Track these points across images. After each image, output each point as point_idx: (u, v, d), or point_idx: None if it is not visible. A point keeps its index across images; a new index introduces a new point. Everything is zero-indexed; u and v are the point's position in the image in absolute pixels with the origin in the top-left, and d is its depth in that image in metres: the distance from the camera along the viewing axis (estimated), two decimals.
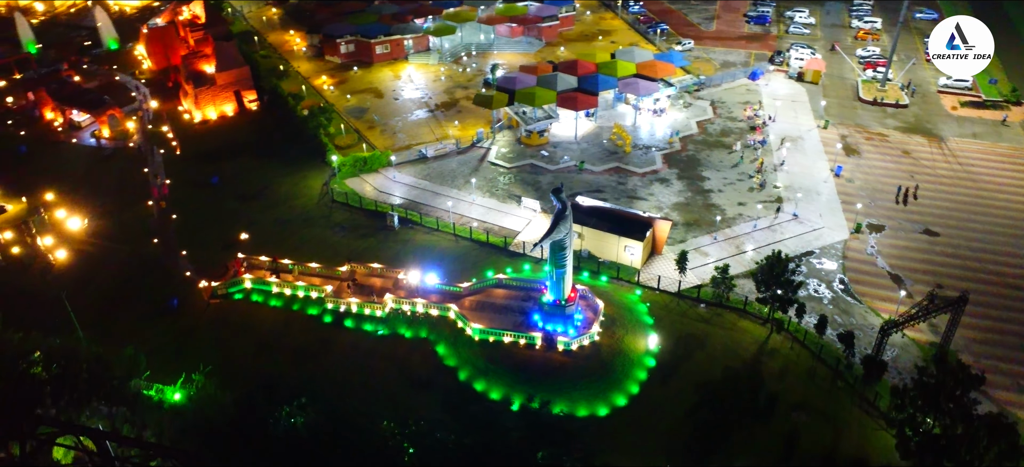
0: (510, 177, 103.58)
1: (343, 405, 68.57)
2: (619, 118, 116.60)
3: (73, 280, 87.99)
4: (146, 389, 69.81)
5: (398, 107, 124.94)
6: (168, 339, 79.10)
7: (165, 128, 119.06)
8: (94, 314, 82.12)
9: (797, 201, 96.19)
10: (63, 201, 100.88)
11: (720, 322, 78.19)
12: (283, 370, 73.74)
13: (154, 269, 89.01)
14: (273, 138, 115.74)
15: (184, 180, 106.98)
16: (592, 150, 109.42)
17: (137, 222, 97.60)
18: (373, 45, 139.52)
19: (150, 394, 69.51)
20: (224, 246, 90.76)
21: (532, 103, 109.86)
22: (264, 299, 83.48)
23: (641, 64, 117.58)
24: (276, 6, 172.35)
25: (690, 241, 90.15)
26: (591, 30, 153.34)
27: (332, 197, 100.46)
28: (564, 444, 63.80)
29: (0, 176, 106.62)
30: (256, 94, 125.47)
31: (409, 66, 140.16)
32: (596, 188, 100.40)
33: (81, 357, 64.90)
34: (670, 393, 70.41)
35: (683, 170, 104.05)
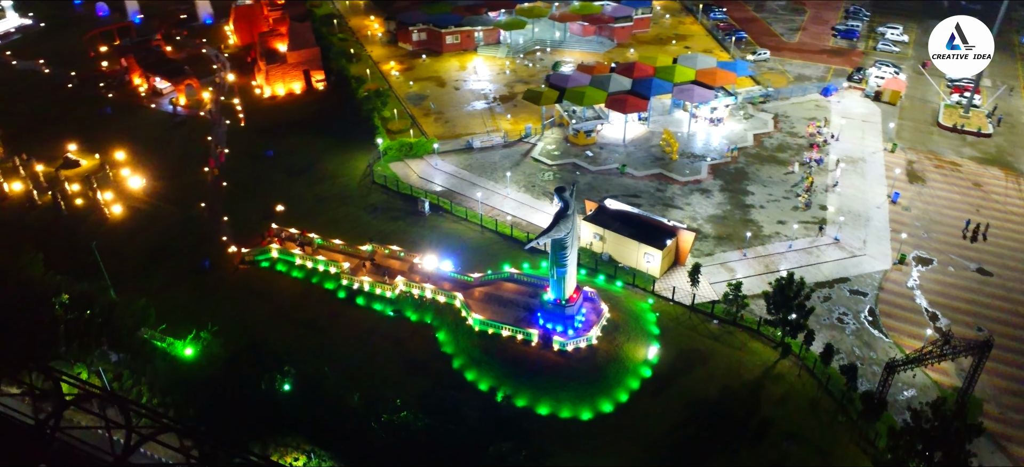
0: (550, 174, 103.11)
1: (336, 378, 70.52)
2: (675, 125, 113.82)
3: (123, 234, 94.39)
4: (159, 341, 74.16)
5: (457, 97, 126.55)
6: (195, 297, 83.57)
7: (236, 101, 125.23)
8: (134, 266, 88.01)
9: (841, 224, 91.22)
10: (130, 161, 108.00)
11: (730, 340, 75.35)
12: (289, 338, 76.58)
13: (196, 231, 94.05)
14: (331, 118, 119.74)
15: (242, 151, 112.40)
16: (638, 154, 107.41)
17: (191, 186, 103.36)
18: (443, 35, 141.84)
19: (163, 345, 73.79)
20: (263, 216, 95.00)
21: (579, 102, 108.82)
22: (287, 269, 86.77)
23: (702, 71, 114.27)
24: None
25: (718, 255, 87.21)
26: (667, 33, 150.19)
27: (372, 179, 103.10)
28: (522, 440, 63.14)
29: (84, 133, 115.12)
30: (324, 74, 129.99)
31: (477, 58, 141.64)
32: (632, 193, 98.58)
33: (96, 303, 69.42)
34: (659, 406, 68.56)
35: (728, 182, 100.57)
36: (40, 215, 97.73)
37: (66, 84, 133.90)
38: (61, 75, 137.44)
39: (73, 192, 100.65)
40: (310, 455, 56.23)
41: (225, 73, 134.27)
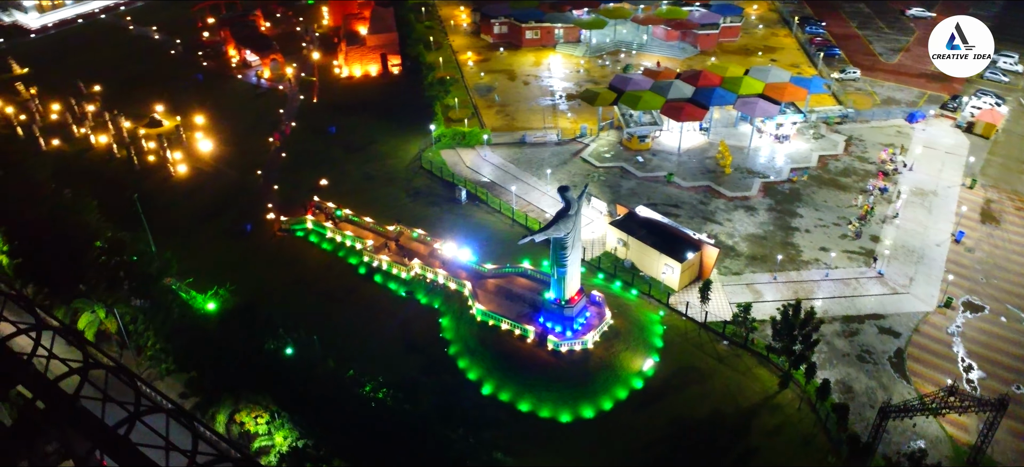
0: (595, 176, 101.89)
1: (334, 348, 72.96)
2: (739, 138, 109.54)
3: (183, 191, 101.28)
4: (183, 292, 79.09)
5: (524, 92, 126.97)
6: (231, 257, 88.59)
7: (315, 78, 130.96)
8: (185, 222, 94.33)
9: (889, 258, 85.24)
10: (207, 125, 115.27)
11: (734, 363, 72.20)
12: (302, 305, 80.00)
13: (248, 196, 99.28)
14: (397, 101, 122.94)
15: (309, 125, 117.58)
16: (690, 164, 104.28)
17: (254, 154, 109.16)
18: (523, 29, 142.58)
19: (185, 297, 78.66)
20: (311, 188, 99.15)
21: (634, 106, 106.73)
22: (319, 241, 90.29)
23: (771, 85, 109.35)
24: None
25: (747, 275, 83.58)
26: (756, 44, 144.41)
27: (420, 164, 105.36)
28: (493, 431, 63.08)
29: (174, 97, 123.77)
30: (400, 59, 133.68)
31: (555, 54, 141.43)
32: (674, 202, 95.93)
33: (125, 250, 74.91)
34: (642, 419, 66.79)
35: (778, 202, 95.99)
36: (116, 167, 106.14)
37: (170, 50, 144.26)
38: (168, 42, 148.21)
39: (148, 149, 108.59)
40: (274, 415, 58.55)
41: (310, 51, 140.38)
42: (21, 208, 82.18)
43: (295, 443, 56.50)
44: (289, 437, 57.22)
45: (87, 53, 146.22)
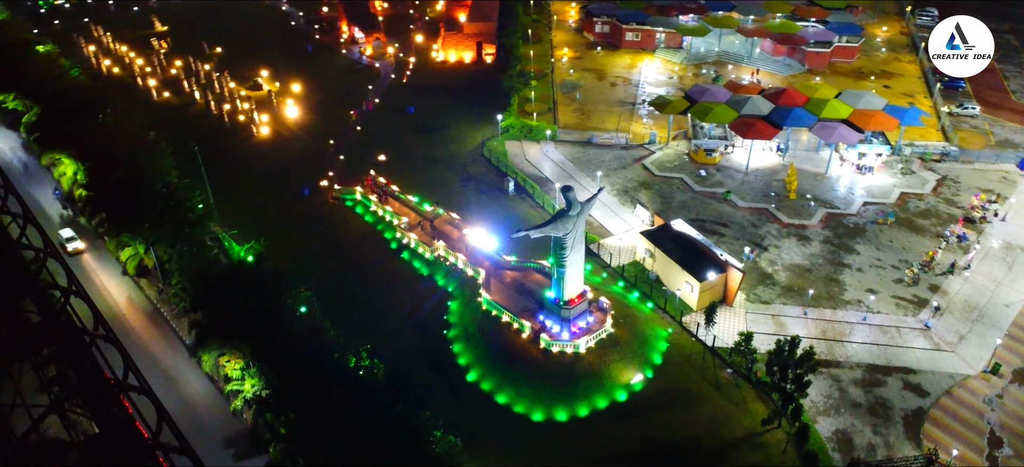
0: (652, 185, 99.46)
1: (343, 312, 76.54)
2: (817, 164, 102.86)
3: (259, 151, 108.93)
4: (227, 240, 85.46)
5: (609, 93, 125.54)
6: (283, 215, 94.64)
7: (411, 59, 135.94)
8: (252, 179, 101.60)
9: (943, 312, 77.73)
10: (300, 94, 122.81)
11: (730, 393, 68.84)
12: (331, 269, 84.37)
13: (315, 163, 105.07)
14: (480, 89, 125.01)
15: (390, 103, 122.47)
16: (754, 184, 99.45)
17: (333, 124, 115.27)
18: (624, 30, 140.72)
19: (228, 244, 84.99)
20: (371, 161, 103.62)
21: (704, 118, 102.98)
22: (363, 212, 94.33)
23: (860, 111, 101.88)
24: None
25: (776, 306, 79.10)
26: (871, 68, 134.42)
27: (482, 151, 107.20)
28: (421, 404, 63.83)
29: (281, 64, 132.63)
30: (495, 49, 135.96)
31: (654, 59, 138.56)
32: (723, 221, 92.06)
33: (174, 195, 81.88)
34: (614, 431, 65.37)
35: (837, 235, 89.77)
36: (210, 122, 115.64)
37: (291, 22, 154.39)
38: (293, 15, 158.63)
39: (242, 110, 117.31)
40: (248, 364, 62.43)
41: (415, 34, 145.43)
42: (109, 147, 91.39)
43: (259, 392, 60.06)
44: (256, 386, 60.87)
45: (222, 18, 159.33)
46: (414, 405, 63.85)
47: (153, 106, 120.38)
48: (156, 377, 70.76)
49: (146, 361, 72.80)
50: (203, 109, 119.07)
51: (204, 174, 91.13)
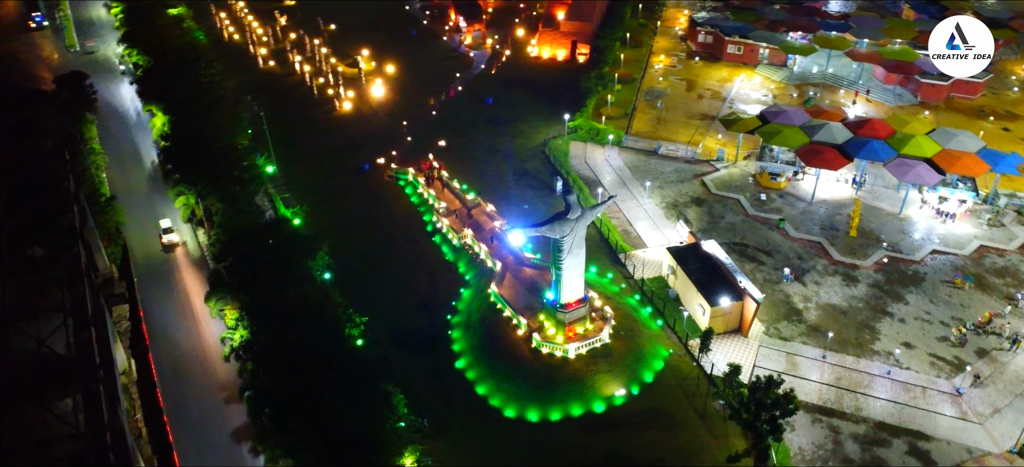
0: (705, 202, 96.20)
1: (360, 283, 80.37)
2: (893, 202, 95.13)
3: (337, 124, 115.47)
4: (278, 202, 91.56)
5: (694, 105, 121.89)
6: (339, 185, 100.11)
7: (506, 52, 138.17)
8: (323, 148, 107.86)
9: (983, 381, 70.40)
10: (392, 75, 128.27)
11: (714, 425, 66.14)
12: (365, 241, 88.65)
13: (385, 141, 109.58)
14: (563, 87, 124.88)
15: (472, 93, 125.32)
16: (816, 215, 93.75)
17: (412, 107, 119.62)
18: (726, 42, 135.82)
19: (278, 205, 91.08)
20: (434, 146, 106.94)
21: (770, 140, 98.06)
22: (412, 193, 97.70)
23: (948, 152, 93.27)
24: None
25: (795, 344, 74.74)
26: (996, 107, 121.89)
27: (544, 149, 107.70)
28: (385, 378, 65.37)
29: (384, 45, 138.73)
30: (589, 49, 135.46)
31: (753, 75, 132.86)
32: (768, 250, 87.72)
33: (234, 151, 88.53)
34: (580, 441, 64.85)
35: (889, 280, 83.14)
36: (301, 93, 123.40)
37: (405, 6, 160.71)
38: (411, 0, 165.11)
39: (331, 84, 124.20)
40: (243, 316, 66.99)
41: (516, 28, 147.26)
42: (194, 103, 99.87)
43: (243, 340, 64.51)
44: (244, 336, 65.35)
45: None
46: (390, 381, 66.14)
47: (256, 73, 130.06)
48: (184, 318, 77.88)
49: (179, 303, 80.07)
50: (299, 80, 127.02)
51: (268, 138, 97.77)
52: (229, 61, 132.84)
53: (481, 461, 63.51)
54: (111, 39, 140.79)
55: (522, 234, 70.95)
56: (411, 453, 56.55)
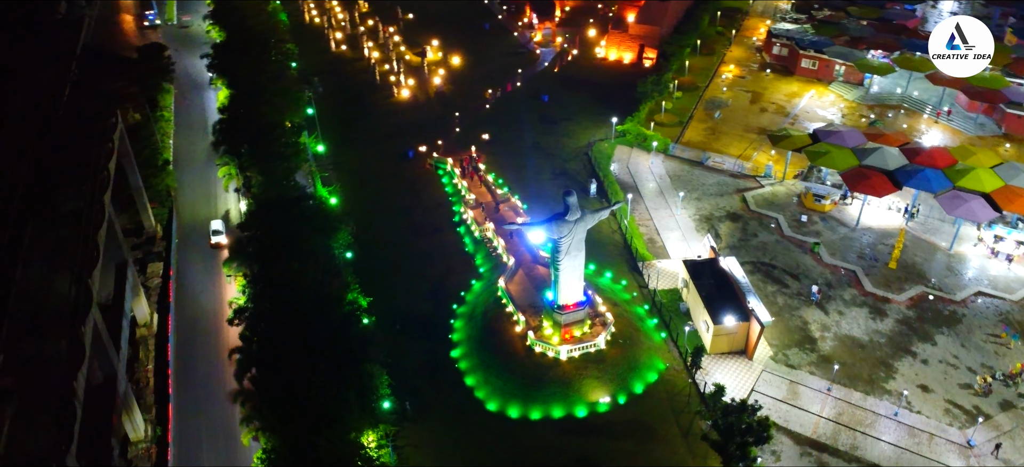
0: (741, 219, 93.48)
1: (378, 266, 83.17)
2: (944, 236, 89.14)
3: (392, 109, 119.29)
4: (318, 182, 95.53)
5: (754, 118, 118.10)
6: (380, 168, 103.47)
7: (572, 51, 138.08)
8: (374, 131, 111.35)
9: (1003, 435, 65.61)
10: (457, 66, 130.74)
11: (695, 444, 64.65)
12: (392, 226, 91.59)
13: (434, 129, 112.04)
14: (621, 90, 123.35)
15: (530, 89, 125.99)
16: (856, 242, 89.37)
17: (468, 99, 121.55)
18: (801, 55, 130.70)
19: (316, 182, 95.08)
20: (478, 139, 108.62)
21: (816, 160, 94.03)
22: (448, 182, 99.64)
23: (1010, 188, 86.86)
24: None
25: (800, 373, 71.89)
26: None
27: (588, 151, 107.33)
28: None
29: (455, 37, 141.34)
30: (656, 54, 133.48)
31: (826, 92, 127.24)
32: (795, 273, 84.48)
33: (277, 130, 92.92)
34: (553, 442, 65.08)
35: (921, 318, 78.42)
36: (365, 78, 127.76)
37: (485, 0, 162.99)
38: None
39: (393, 70, 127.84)
40: (248, 284, 70.59)
41: (587, 27, 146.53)
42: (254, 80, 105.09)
43: (245, 303, 68.15)
44: (245, 302, 68.95)
45: None
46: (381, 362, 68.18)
47: (327, 55, 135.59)
48: (211, 281, 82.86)
49: (211, 267, 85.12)
50: (366, 65, 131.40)
51: (316, 118, 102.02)
52: (306, 42, 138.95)
53: (452, 450, 64.70)
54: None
55: (525, 231, 71.49)
56: (374, 432, 58.17)
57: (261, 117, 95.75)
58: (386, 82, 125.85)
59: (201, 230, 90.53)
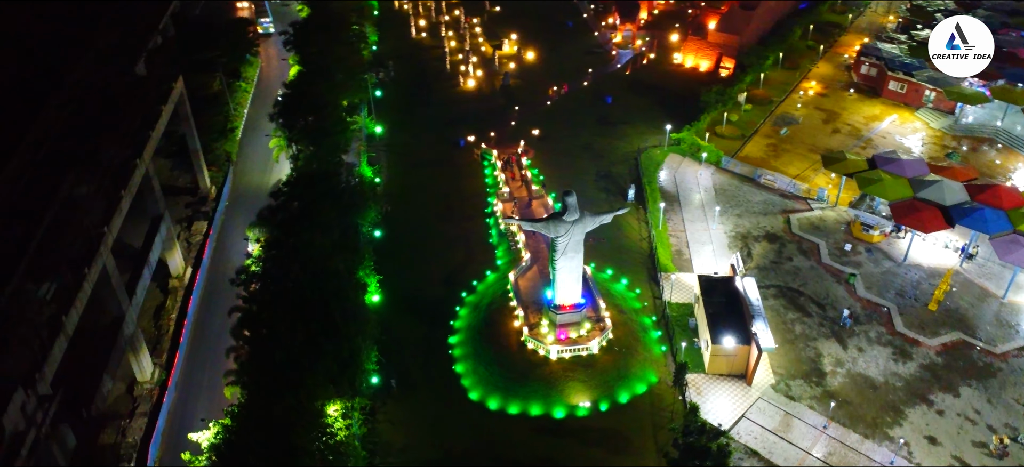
0: (781, 242, 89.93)
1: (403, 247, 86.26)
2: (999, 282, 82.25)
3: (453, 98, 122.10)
4: (364, 160, 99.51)
5: (823, 139, 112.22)
6: (431, 156, 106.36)
7: (651, 55, 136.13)
8: (433, 120, 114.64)
9: None
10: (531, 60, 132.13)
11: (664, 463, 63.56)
12: (426, 211, 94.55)
13: (491, 120, 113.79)
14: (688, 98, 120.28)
15: (596, 90, 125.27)
16: (898, 278, 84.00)
17: (534, 93, 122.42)
18: (888, 78, 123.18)
19: (362, 161, 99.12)
20: (533, 134, 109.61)
21: (866, 186, 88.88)
22: (490, 174, 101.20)
23: None
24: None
25: (798, 406, 68.98)
26: None
27: (637, 155, 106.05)
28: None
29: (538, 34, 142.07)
30: (734, 63, 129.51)
31: (912, 119, 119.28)
32: (821, 302, 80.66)
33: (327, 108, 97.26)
34: (523, 439, 66.13)
35: (949, 367, 73.12)
36: (438, 66, 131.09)
37: None
38: None
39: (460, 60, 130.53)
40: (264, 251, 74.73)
41: (670, 32, 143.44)
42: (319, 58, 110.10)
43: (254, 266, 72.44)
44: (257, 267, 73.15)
45: None
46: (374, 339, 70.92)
47: (406, 40, 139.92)
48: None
49: None
50: (440, 54, 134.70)
51: (380, 101, 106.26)
52: (390, 28, 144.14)
53: (424, 431, 66.60)
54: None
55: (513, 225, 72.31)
56: (339, 402, 60.64)
57: (320, 95, 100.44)
58: (456, 71, 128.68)
59: (252, 195, 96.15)
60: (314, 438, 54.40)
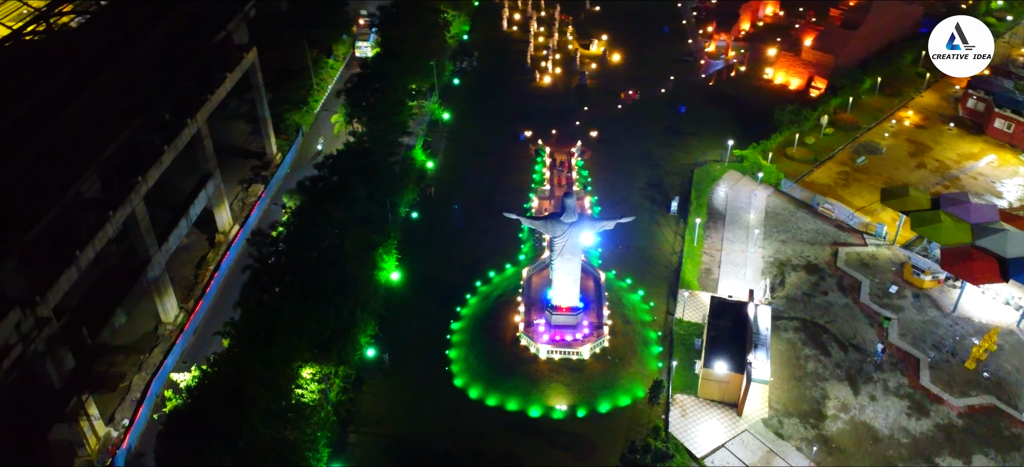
0: (823, 276, 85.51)
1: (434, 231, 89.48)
2: None
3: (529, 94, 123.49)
4: (419, 143, 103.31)
5: (905, 173, 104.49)
6: (488, 146, 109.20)
7: (742, 68, 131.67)
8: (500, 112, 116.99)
9: None
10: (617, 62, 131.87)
11: None
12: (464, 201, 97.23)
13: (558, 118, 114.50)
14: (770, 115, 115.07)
15: (673, 97, 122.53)
16: (939, 329, 77.80)
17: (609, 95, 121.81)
18: (995, 114, 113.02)
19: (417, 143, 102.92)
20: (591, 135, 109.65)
21: (920, 226, 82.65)
22: (539, 171, 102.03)
23: None
24: None
25: (785, 445, 66.15)
26: None
27: (694, 168, 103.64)
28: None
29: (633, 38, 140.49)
30: (825, 84, 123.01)
31: (1013, 160, 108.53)
32: (848, 341, 76.36)
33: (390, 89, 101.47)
34: (494, 434, 67.66)
35: (971, 432, 67.34)
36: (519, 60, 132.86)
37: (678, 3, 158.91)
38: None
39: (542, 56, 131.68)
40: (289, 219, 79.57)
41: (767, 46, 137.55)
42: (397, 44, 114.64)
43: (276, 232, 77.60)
44: (282, 232, 78.16)
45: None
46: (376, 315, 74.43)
47: (498, 32, 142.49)
48: None
49: None
50: (522, 48, 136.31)
51: (437, 87, 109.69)
52: (484, 19, 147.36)
53: (401, 408, 69.26)
54: None
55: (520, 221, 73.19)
56: (313, 367, 64.13)
57: (390, 77, 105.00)
58: (535, 66, 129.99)
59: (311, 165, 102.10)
60: (273, 396, 57.97)
